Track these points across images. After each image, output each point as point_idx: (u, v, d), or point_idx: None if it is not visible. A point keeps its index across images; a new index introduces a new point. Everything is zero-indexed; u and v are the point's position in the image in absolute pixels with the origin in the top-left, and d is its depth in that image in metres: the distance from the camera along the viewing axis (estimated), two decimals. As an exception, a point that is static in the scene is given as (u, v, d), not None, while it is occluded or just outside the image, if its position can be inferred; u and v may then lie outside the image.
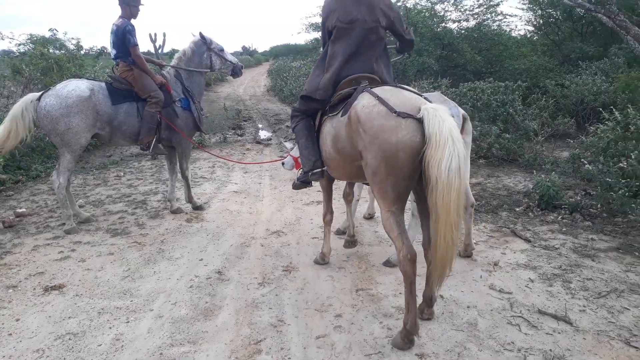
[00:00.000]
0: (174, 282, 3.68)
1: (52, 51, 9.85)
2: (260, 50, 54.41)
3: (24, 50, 10.67)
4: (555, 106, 9.32)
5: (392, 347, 2.77)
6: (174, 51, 12.97)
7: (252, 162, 7.92)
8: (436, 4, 14.38)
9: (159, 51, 18.15)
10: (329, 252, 4.00)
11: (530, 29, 16.39)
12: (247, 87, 23.37)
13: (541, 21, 15.22)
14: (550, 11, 14.36)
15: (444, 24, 14.25)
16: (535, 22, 15.63)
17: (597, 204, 4.96)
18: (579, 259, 3.95)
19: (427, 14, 14.08)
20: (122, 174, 7.33)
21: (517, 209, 5.22)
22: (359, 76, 3.24)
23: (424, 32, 13.15)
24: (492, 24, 14.63)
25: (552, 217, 4.94)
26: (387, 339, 2.86)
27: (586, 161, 5.37)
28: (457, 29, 14.44)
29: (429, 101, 2.78)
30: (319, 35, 17.52)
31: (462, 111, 3.71)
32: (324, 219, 3.97)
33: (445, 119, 2.51)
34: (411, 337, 2.75)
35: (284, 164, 4.48)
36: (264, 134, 11.11)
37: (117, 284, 3.66)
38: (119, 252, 4.28)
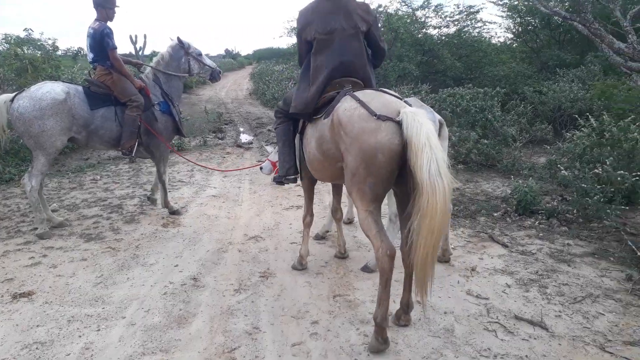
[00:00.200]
0: (148, 288, 3.60)
1: (27, 51, 9.63)
2: (243, 53, 54.09)
3: (-3, 50, 10.45)
4: (533, 112, 9.45)
5: (368, 354, 2.75)
6: (155, 53, 12.83)
7: (228, 169, 7.84)
8: (417, 10, 14.52)
9: (140, 53, 17.97)
10: (306, 254, 3.97)
11: (509, 36, 16.70)
12: (229, 91, 23.21)
13: (520, 29, 15.49)
14: (529, 19, 14.62)
15: (424, 30, 14.40)
16: (514, 30, 15.91)
17: (573, 210, 5.01)
18: (555, 264, 3.98)
19: (408, 19, 14.19)
20: (99, 178, 7.19)
21: (495, 214, 5.25)
22: (343, 80, 3.24)
23: (404, 37, 13.26)
24: (472, 31, 14.85)
25: (529, 223, 4.98)
26: (364, 346, 2.83)
27: (562, 167, 5.43)
28: (437, 35, 14.61)
29: (409, 105, 2.80)
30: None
31: (439, 116, 3.71)
32: (304, 221, 3.96)
33: (423, 123, 2.53)
34: (384, 335, 2.74)
35: (262, 168, 4.44)
36: (245, 138, 11.02)
37: (88, 290, 3.57)
38: (92, 258, 4.18)
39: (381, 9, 14.08)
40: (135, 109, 4.88)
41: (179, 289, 3.59)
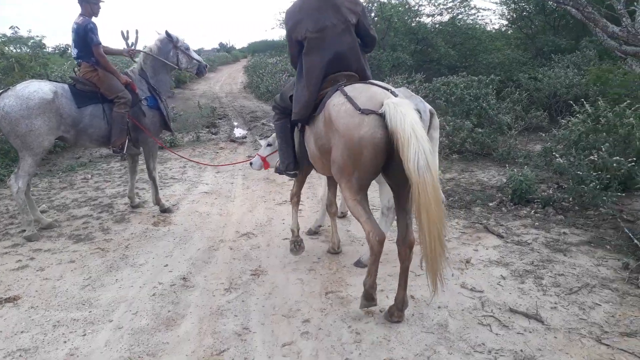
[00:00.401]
0: (137, 290, 3.52)
1: (14, 50, 9.48)
2: (238, 46, 53.67)
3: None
4: (528, 99, 9.36)
5: (360, 353, 2.68)
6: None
7: (219, 164, 7.75)
8: (410, -2, 14.35)
9: (132, 48, 17.75)
10: (297, 228, 4.05)
11: (504, 22, 16.52)
12: (223, 85, 23.04)
13: (514, 15, 15.32)
14: (523, 5, 14.46)
15: (418, 19, 14.25)
16: (508, 16, 15.73)
17: (569, 197, 4.94)
18: (551, 254, 3.92)
19: (401, 8, 14.03)
20: (90, 177, 7.10)
21: (490, 204, 5.18)
22: (338, 75, 3.21)
23: (398, 26, 13.12)
24: (467, 19, 14.67)
25: (525, 212, 4.91)
26: (356, 345, 2.77)
27: (558, 154, 5.36)
28: (431, 23, 14.47)
29: (394, 95, 2.74)
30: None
31: (429, 106, 3.64)
32: (291, 200, 4.08)
33: (406, 113, 2.51)
34: (373, 296, 2.96)
35: (252, 164, 4.36)
36: (239, 132, 10.91)
37: (76, 293, 3.49)
38: (80, 260, 4.10)
39: (374, -2, 13.90)
40: (122, 106, 4.79)
41: (168, 290, 3.52)
